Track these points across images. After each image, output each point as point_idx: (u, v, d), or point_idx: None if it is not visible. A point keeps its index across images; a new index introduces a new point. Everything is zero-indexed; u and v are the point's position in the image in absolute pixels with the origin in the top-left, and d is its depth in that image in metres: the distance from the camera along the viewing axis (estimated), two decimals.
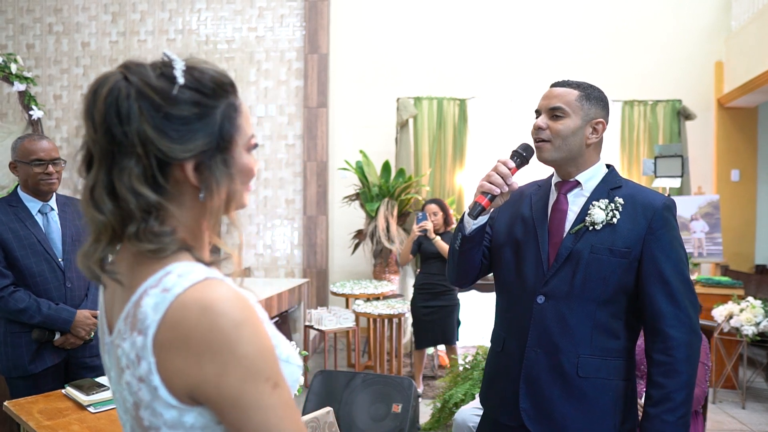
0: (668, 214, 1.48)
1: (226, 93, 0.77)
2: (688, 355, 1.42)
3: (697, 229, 5.40)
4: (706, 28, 6.15)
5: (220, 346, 0.67)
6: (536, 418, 1.50)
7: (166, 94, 0.72)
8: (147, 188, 0.71)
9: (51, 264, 2.26)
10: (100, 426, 1.82)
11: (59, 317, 2.21)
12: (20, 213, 2.25)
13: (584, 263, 1.47)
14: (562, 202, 1.55)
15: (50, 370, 2.26)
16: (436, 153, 6.13)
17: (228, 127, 0.76)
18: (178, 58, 0.75)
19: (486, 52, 6.21)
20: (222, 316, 0.68)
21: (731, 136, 6.18)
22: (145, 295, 0.71)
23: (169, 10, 6.40)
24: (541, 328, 1.50)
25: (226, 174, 0.75)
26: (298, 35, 6.30)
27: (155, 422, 0.72)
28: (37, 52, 6.47)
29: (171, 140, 0.72)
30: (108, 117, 0.71)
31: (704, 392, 2.54)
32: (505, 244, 1.61)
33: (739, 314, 4.01)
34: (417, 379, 4.38)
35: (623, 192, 1.51)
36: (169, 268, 0.72)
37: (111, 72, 0.74)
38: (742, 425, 3.81)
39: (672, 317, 1.43)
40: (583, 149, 1.53)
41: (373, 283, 5.20)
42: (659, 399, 1.42)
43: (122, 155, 0.71)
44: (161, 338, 0.69)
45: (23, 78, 5.17)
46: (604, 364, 1.47)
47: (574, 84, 1.55)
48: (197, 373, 0.68)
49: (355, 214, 5.95)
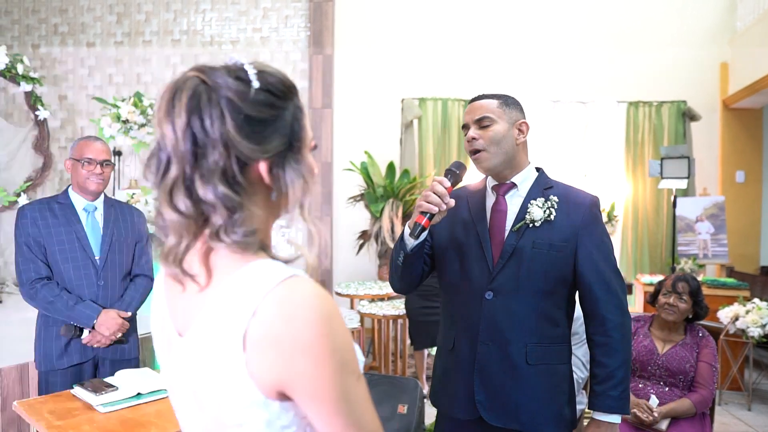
0: (596, 210, 1.64)
1: (292, 95, 0.79)
2: (623, 335, 1.59)
3: (702, 231, 5.39)
4: (711, 29, 6.14)
5: (312, 341, 0.69)
6: (491, 408, 1.60)
7: (244, 97, 0.74)
8: (229, 188, 0.72)
9: (87, 262, 2.31)
10: (110, 426, 1.82)
11: (83, 313, 2.25)
12: (66, 210, 2.33)
13: (528, 258, 1.58)
14: (501, 203, 1.67)
15: (78, 367, 2.30)
16: (440, 154, 6.13)
17: (297, 128, 0.78)
18: (246, 61, 0.77)
19: (491, 53, 6.21)
20: (313, 311, 0.70)
21: (736, 138, 6.17)
22: (231, 294, 0.72)
23: (173, 10, 6.41)
24: (491, 322, 1.60)
25: (298, 173, 0.77)
26: (302, 36, 6.30)
27: (240, 419, 0.73)
28: (42, 52, 6.49)
29: (251, 141, 0.73)
30: (191, 119, 0.72)
31: (712, 394, 2.54)
32: (448, 248, 1.70)
33: (745, 316, 4.00)
34: (421, 379, 4.38)
35: (556, 191, 1.65)
36: (251, 267, 0.73)
37: (185, 76, 0.74)
38: (748, 427, 3.81)
39: (606, 302, 1.59)
40: (515, 150, 1.65)
41: (377, 284, 5.21)
42: (604, 377, 1.58)
43: (204, 157, 0.72)
44: (252, 335, 0.69)
45: (29, 79, 5.19)
46: (549, 351, 1.61)
47: (491, 95, 1.68)
48: (290, 367, 0.69)
49: (360, 214, 5.95)
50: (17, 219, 2.29)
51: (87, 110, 6.41)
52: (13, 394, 2.63)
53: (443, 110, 6.11)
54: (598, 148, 6.19)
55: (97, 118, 5.07)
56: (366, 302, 4.73)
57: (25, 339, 3.23)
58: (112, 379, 2.14)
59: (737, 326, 4.02)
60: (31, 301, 2.27)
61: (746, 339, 4.03)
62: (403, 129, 6.04)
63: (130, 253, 2.45)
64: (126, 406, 1.97)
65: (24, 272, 2.25)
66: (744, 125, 6.17)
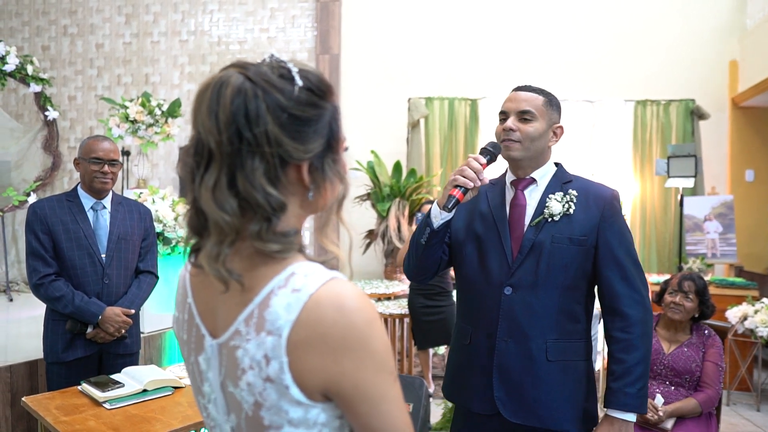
0: (616, 203, 1.61)
1: (331, 94, 0.78)
2: (644, 332, 1.56)
3: (710, 230, 5.36)
4: (721, 27, 6.10)
5: (356, 342, 0.70)
6: (510, 405, 1.58)
7: (289, 95, 0.73)
8: (273, 188, 0.71)
9: (93, 259, 2.36)
10: (116, 422, 1.84)
11: (88, 310, 2.30)
12: (74, 208, 2.38)
13: (547, 252, 1.56)
14: (520, 198, 1.65)
15: (82, 360, 2.36)
16: (447, 153, 6.13)
17: (335, 127, 0.78)
18: (286, 58, 0.76)
19: (497, 53, 6.20)
20: (356, 313, 0.70)
21: (745, 136, 6.12)
22: (273, 295, 0.72)
23: (181, 11, 6.46)
24: (510, 318, 1.57)
25: (336, 173, 0.77)
26: (309, 36, 6.32)
27: (278, 421, 0.73)
28: (52, 53, 6.55)
29: (295, 141, 0.72)
30: (236, 117, 0.70)
31: (718, 394, 2.52)
32: (466, 241, 1.67)
33: (754, 316, 3.97)
34: (427, 378, 4.38)
35: (575, 185, 1.62)
36: (292, 269, 0.73)
37: (228, 72, 0.73)
38: (756, 427, 3.78)
39: (627, 297, 1.56)
40: (545, 151, 1.64)
41: (384, 283, 5.21)
42: (621, 373, 1.54)
43: (249, 155, 0.70)
44: (296, 338, 0.70)
45: (39, 79, 5.24)
46: (569, 347, 1.58)
47: (538, 90, 1.64)
48: (334, 369, 0.69)
49: (367, 214, 5.96)
50: (28, 216, 2.35)
51: (96, 110, 6.47)
52: (22, 390, 2.67)
53: (450, 110, 6.11)
54: (605, 147, 6.17)
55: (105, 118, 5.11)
56: (372, 301, 4.73)
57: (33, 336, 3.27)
58: (119, 376, 2.17)
59: (746, 326, 3.99)
60: (39, 296, 2.33)
61: (755, 339, 3.99)
62: (410, 128, 6.04)
63: (136, 251, 2.49)
64: (132, 403, 1.99)
65: (33, 268, 2.31)
66: (753, 124, 6.12)
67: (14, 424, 2.62)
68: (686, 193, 5.51)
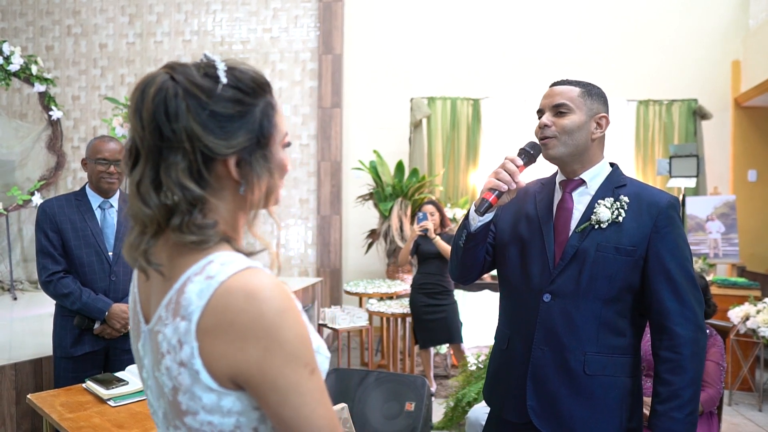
0: (673, 213, 1.48)
1: (264, 92, 0.81)
2: (694, 352, 1.43)
3: (713, 230, 5.35)
4: (724, 27, 6.09)
5: (263, 331, 0.71)
6: (543, 415, 1.50)
7: (211, 93, 0.75)
8: (192, 182, 0.74)
9: (100, 256, 2.43)
10: (120, 419, 1.86)
11: (95, 306, 2.36)
12: (82, 206, 2.45)
13: (590, 261, 1.47)
14: (567, 201, 1.56)
15: (90, 355, 2.42)
16: (449, 153, 6.14)
17: (267, 124, 0.80)
18: (219, 58, 0.79)
19: (499, 52, 6.21)
20: (266, 302, 0.71)
21: (748, 136, 6.11)
22: (189, 282, 0.74)
23: (185, 11, 6.48)
24: (548, 326, 1.50)
25: (266, 169, 0.80)
26: (312, 36, 6.34)
27: (193, 406, 0.74)
28: (56, 53, 6.58)
29: (216, 137, 0.75)
30: (157, 114, 0.73)
31: (719, 393, 2.53)
32: (510, 242, 1.61)
33: (756, 315, 3.97)
34: (428, 377, 4.39)
35: (628, 190, 1.52)
36: (211, 257, 0.75)
37: (156, 72, 0.76)
38: (758, 428, 3.78)
39: (678, 315, 1.44)
40: (589, 144, 1.56)
41: (386, 283, 5.22)
42: (667, 396, 1.42)
43: (169, 151, 0.74)
44: (205, 323, 0.71)
45: (43, 79, 5.26)
46: (610, 362, 1.48)
47: (575, 82, 1.56)
48: (240, 356, 0.71)
49: (369, 213, 5.97)
50: (37, 215, 2.42)
51: (99, 110, 6.50)
52: (27, 388, 2.69)
53: (452, 109, 6.12)
54: (607, 147, 6.11)
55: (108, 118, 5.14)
56: (374, 301, 4.74)
57: (38, 334, 3.30)
58: (123, 374, 2.19)
59: (748, 326, 3.99)
60: (48, 292, 2.40)
61: (757, 339, 3.99)
62: (412, 128, 6.05)
63: None
64: (136, 400, 2.01)
65: (42, 265, 2.38)
66: (756, 124, 6.11)
67: (19, 421, 2.65)
68: (688, 193, 5.51)
